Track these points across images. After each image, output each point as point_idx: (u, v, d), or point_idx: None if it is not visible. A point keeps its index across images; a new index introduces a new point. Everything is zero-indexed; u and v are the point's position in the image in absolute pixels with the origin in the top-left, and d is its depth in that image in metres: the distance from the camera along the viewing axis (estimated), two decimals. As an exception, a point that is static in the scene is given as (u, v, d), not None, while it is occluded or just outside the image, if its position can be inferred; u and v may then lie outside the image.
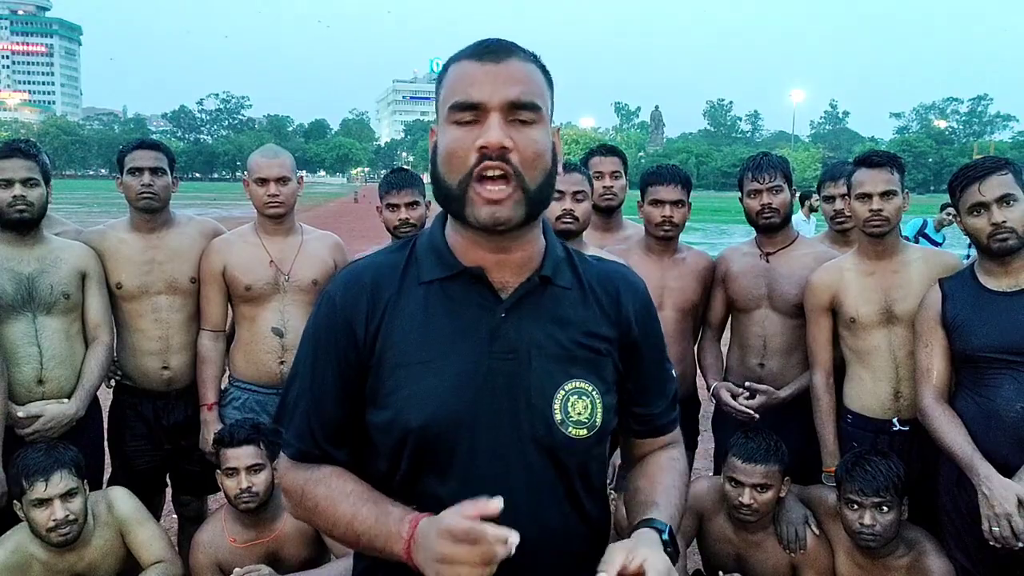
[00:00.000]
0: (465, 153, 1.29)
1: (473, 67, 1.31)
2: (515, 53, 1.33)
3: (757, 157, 3.39)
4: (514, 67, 1.32)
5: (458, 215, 1.35)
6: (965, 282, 2.76)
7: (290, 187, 3.37)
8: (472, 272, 1.39)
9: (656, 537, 1.34)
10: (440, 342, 1.37)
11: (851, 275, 3.04)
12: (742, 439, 2.93)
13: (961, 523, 2.71)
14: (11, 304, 3.03)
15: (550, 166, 1.35)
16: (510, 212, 1.30)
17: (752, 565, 3.02)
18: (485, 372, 1.36)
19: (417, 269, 1.43)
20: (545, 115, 1.34)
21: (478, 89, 1.29)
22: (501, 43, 1.34)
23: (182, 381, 3.44)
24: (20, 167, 3.02)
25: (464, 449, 1.35)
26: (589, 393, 1.39)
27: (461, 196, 1.31)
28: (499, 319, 1.38)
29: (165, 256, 3.38)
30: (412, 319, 1.39)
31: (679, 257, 3.45)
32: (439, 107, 1.37)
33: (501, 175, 1.29)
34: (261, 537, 3.00)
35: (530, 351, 1.38)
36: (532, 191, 1.32)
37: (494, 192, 1.29)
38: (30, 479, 2.73)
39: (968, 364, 2.70)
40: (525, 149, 1.30)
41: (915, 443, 2.91)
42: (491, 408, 1.36)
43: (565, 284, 1.45)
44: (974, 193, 2.63)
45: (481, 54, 1.32)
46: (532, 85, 1.33)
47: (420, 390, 1.35)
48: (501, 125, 1.28)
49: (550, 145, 1.36)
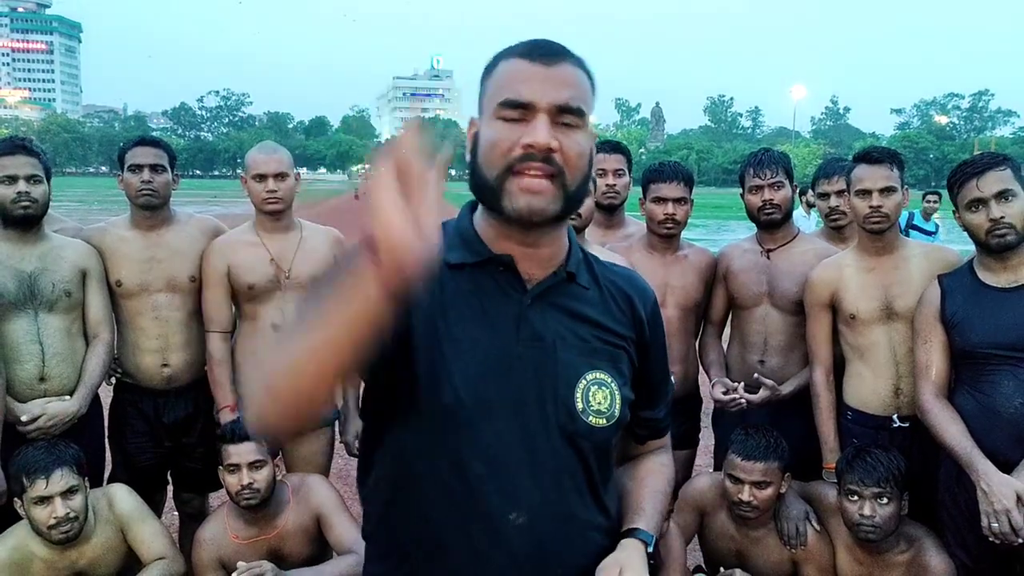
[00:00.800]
0: (509, 147, 1.30)
1: (525, 66, 1.32)
2: (567, 57, 1.35)
3: (758, 153, 3.38)
4: (566, 71, 1.33)
5: (494, 206, 1.35)
6: (964, 278, 2.76)
7: (288, 183, 3.37)
8: (501, 260, 1.41)
9: (642, 550, 1.41)
10: (469, 324, 1.38)
11: (851, 271, 3.03)
12: (742, 436, 2.93)
13: (961, 519, 2.71)
14: (13, 302, 3.03)
15: (588, 170, 1.38)
16: (547, 204, 1.31)
17: (753, 561, 3.02)
18: (514, 357, 1.38)
19: (444, 253, 1.41)
20: (589, 121, 1.36)
21: (529, 88, 1.30)
22: (553, 45, 1.35)
23: (182, 379, 3.44)
24: (24, 163, 3.03)
25: (491, 432, 1.36)
26: (608, 384, 1.43)
27: (499, 187, 1.32)
28: (524, 307, 1.40)
29: (165, 254, 3.38)
30: (441, 299, 1.39)
31: (681, 254, 3.45)
32: (484, 100, 1.38)
33: (543, 174, 1.30)
34: (263, 533, 3.01)
35: (555, 341, 1.41)
36: (571, 191, 1.34)
37: (534, 184, 1.30)
38: (31, 477, 2.73)
39: (967, 360, 2.70)
40: (568, 151, 1.31)
41: (915, 439, 2.91)
42: (518, 393, 1.37)
43: (585, 284, 1.48)
44: (972, 189, 2.63)
45: (534, 54, 1.33)
46: (581, 90, 1.34)
47: (447, 373, 1.35)
48: (548, 126, 1.29)
49: (590, 150, 1.38)
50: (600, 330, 1.46)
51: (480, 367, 1.36)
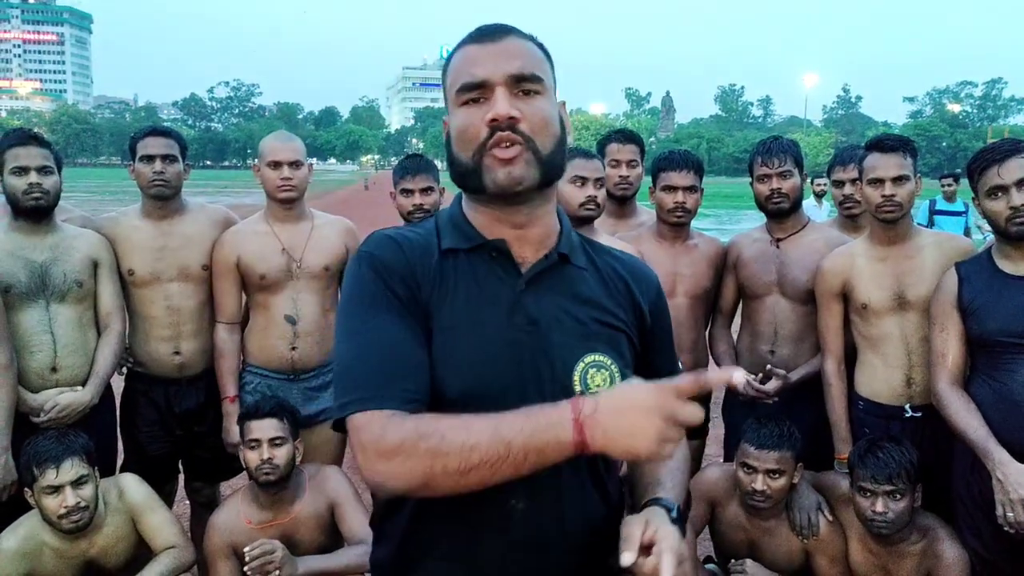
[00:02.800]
0: (476, 129, 1.35)
1: (474, 49, 1.39)
2: (512, 32, 1.41)
3: (767, 141, 3.35)
4: (513, 43, 1.38)
5: (477, 188, 1.39)
6: (982, 266, 2.73)
7: (302, 171, 3.37)
8: (494, 245, 1.43)
9: (665, 515, 1.35)
10: (464, 312, 1.39)
11: (863, 261, 3.01)
12: (755, 425, 2.92)
13: (975, 509, 2.70)
14: (25, 292, 3.04)
15: (559, 133, 1.40)
16: (523, 170, 1.34)
17: (764, 551, 3.01)
18: (508, 343, 1.37)
19: (440, 241, 1.46)
20: (548, 86, 1.40)
21: (481, 67, 1.36)
22: (497, 25, 1.42)
23: (194, 368, 3.45)
24: (36, 155, 3.03)
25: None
26: (608, 367, 1.41)
27: (477, 167, 1.36)
28: (519, 291, 1.41)
29: (177, 243, 3.38)
30: (443, 286, 1.41)
31: (691, 243, 3.43)
32: (447, 95, 1.43)
33: (513, 143, 1.34)
34: (277, 519, 3.02)
35: (550, 324, 1.40)
36: (544, 155, 1.36)
37: (506, 153, 1.34)
38: (41, 467, 2.74)
39: (983, 348, 2.68)
40: (533, 117, 1.35)
41: (927, 429, 2.89)
42: (518, 379, 1.37)
43: (581, 265, 1.48)
44: (993, 176, 2.60)
45: (480, 37, 1.40)
46: (532, 59, 1.38)
47: (450, 360, 1.36)
48: (507, 97, 1.34)
49: (557, 114, 1.41)
50: (598, 312, 1.45)
51: (477, 354, 1.36)
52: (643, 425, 1.17)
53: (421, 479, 1.23)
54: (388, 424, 1.25)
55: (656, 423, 1.17)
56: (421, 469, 1.22)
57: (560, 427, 1.19)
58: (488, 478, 1.21)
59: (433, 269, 1.41)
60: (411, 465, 1.22)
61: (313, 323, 3.37)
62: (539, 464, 1.20)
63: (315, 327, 3.37)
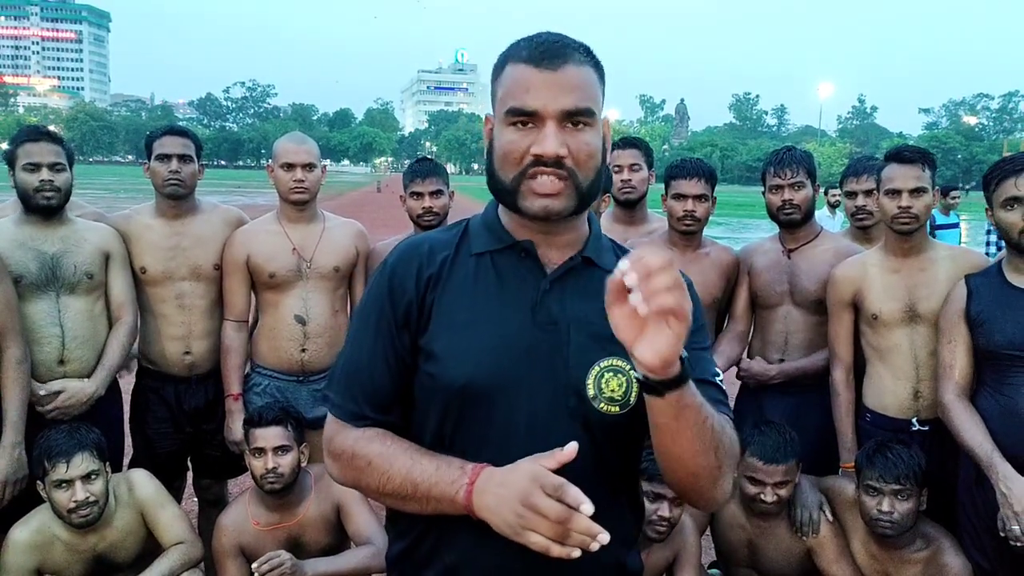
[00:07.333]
0: (520, 156, 1.36)
1: (530, 73, 1.35)
2: (571, 57, 1.36)
3: (780, 152, 3.35)
4: (570, 73, 1.35)
5: (512, 207, 1.42)
6: (992, 278, 2.73)
7: (315, 174, 3.40)
8: (522, 245, 1.45)
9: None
10: (486, 308, 1.42)
11: (875, 271, 3.00)
12: (758, 435, 2.90)
13: (979, 522, 2.70)
14: (35, 283, 3.05)
15: (600, 163, 1.41)
16: (563, 205, 1.37)
17: (764, 551, 3.02)
18: (528, 340, 1.39)
19: (469, 243, 1.50)
20: (598, 117, 1.39)
21: (534, 97, 1.34)
22: (557, 45, 1.37)
23: (204, 366, 3.47)
24: (48, 151, 3.05)
25: (502, 414, 1.38)
26: (625, 372, 1.40)
27: (514, 191, 1.38)
28: (543, 291, 1.42)
29: (190, 242, 3.40)
30: (462, 286, 1.44)
31: (702, 252, 3.43)
32: (496, 102, 1.42)
33: (555, 177, 1.35)
34: (284, 521, 3.03)
35: (570, 325, 1.41)
36: (584, 187, 1.38)
37: (546, 186, 1.35)
38: (52, 460, 2.76)
39: (990, 361, 2.67)
40: (579, 152, 1.35)
41: (934, 443, 2.88)
42: (530, 376, 1.38)
43: (609, 267, 1.45)
44: (1010, 187, 2.60)
45: (539, 59, 1.35)
46: (587, 90, 1.36)
47: (463, 351, 1.39)
48: (557, 134, 1.33)
49: (601, 143, 1.41)
50: None
51: (495, 351, 1.39)
52: (503, 512, 1.23)
53: (353, 485, 1.48)
54: (338, 433, 1.48)
55: (515, 509, 1.21)
56: (352, 478, 1.46)
57: (457, 488, 1.30)
58: (401, 506, 1.41)
59: (455, 269, 1.45)
60: (345, 472, 1.47)
61: (323, 324, 3.39)
62: (439, 511, 1.34)
63: (325, 328, 3.38)
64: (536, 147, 1.33)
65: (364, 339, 1.48)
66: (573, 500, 1.18)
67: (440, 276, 1.45)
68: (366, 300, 1.52)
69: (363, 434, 1.44)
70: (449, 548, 1.44)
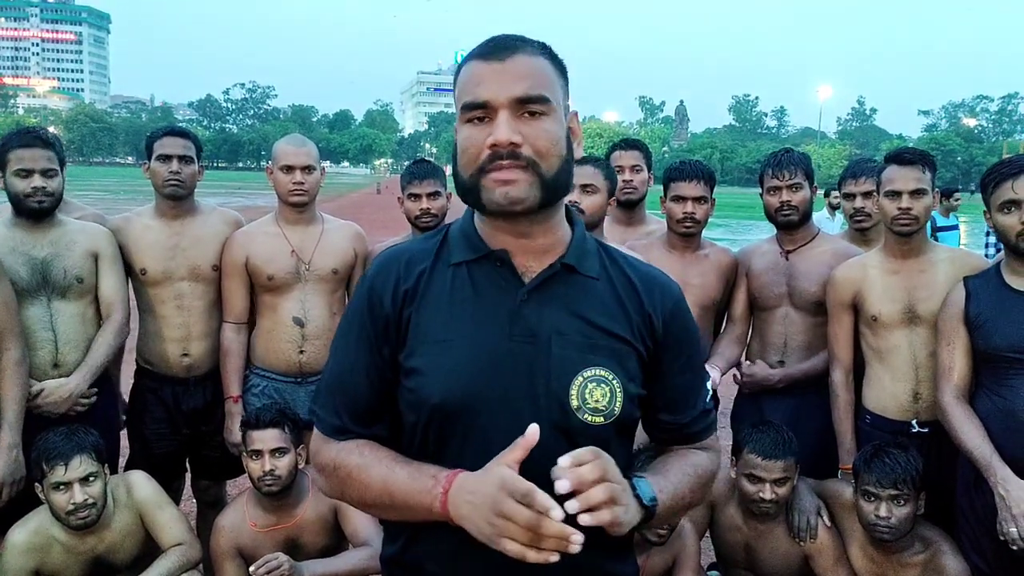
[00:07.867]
0: (477, 150, 1.34)
1: (480, 67, 1.36)
2: (520, 49, 1.37)
3: (778, 153, 3.35)
4: (519, 63, 1.35)
5: (476, 205, 1.40)
6: (990, 281, 2.73)
7: (314, 176, 3.40)
8: (497, 255, 1.42)
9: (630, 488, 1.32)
10: (462, 322, 1.40)
11: (875, 272, 3.00)
12: (756, 434, 2.91)
13: (978, 524, 2.70)
14: (26, 288, 3.04)
15: (565, 152, 1.38)
16: (523, 192, 1.34)
17: (760, 554, 3.02)
18: (504, 354, 1.37)
19: (448, 252, 1.47)
20: (555, 104, 1.37)
21: (485, 88, 1.34)
22: (507, 39, 1.38)
23: (202, 368, 3.47)
24: (40, 157, 3.02)
25: (480, 429, 1.37)
26: (609, 381, 1.38)
27: (476, 186, 1.36)
28: (519, 302, 1.40)
29: (189, 243, 3.41)
30: (439, 299, 1.43)
31: (701, 253, 3.43)
32: (456, 106, 1.41)
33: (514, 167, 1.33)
34: (282, 523, 3.03)
35: (550, 336, 1.39)
36: (548, 177, 1.35)
37: (505, 175, 1.33)
38: (50, 462, 2.76)
39: (989, 364, 2.68)
40: (536, 140, 1.34)
41: (933, 445, 2.88)
42: (509, 390, 1.37)
43: (592, 274, 1.46)
44: (1007, 190, 2.59)
45: (487, 53, 1.37)
46: (538, 78, 1.36)
47: (440, 368, 1.38)
48: (509, 121, 1.33)
49: (564, 132, 1.39)
50: (604, 323, 1.42)
51: (469, 368, 1.37)
52: (476, 521, 1.24)
53: (339, 497, 1.49)
54: (322, 445, 1.49)
55: (487, 518, 1.22)
56: (337, 491, 1.48)
57: (432, 498, 1.31)
58: (385, 515, 1.47)
59: (433, 280, 1.44)
60: (329, 483, 1.49)
61: (321, 326, 3.38)
62: (417, 518, 1.36)
63: (323, 330, 3.38)
64: (491, 137, 1.32)
65: (346, 353, 1.49)
66: (541, 505, 1.17)
67: (417, 290, 1.43)
68: (348, 314, 1.52)
69: (344, 446, 1.45)
70: (435, 553, 1.43)
